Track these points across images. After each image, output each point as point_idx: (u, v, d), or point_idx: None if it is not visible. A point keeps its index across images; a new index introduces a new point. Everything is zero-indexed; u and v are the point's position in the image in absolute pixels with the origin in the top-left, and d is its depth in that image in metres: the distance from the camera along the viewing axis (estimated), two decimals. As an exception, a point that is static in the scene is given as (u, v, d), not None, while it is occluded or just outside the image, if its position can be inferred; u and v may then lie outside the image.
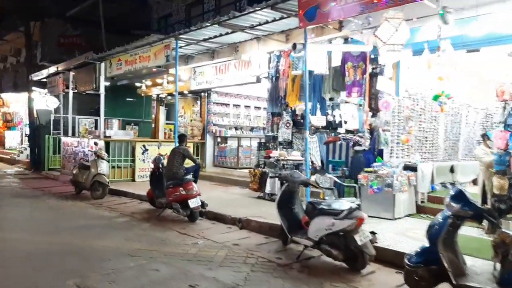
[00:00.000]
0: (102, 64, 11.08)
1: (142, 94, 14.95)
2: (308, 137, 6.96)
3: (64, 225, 6.75)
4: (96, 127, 15.83)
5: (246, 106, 14.19)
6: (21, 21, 17.05)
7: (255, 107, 14.36)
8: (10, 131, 23.99)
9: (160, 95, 14.91)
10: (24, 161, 16.93)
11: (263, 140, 11.31)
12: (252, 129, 14.43)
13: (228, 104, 13.70)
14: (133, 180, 11.46)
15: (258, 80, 10.44)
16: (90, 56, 10.97)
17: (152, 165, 7.87)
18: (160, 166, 7.89)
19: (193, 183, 7.22)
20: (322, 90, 8.86)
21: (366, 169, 7.20)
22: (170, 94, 14.44)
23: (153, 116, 15.78)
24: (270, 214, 7.00)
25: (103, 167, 9.45)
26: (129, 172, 11.53)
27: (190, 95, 14.01)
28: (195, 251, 5.38)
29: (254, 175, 9.14)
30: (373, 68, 7.55)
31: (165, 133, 15.28)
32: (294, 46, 6.23)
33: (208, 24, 7.85)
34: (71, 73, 12.97)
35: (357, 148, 7.69)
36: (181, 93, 14.18)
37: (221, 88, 12.51)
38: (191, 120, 14.07)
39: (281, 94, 9.70)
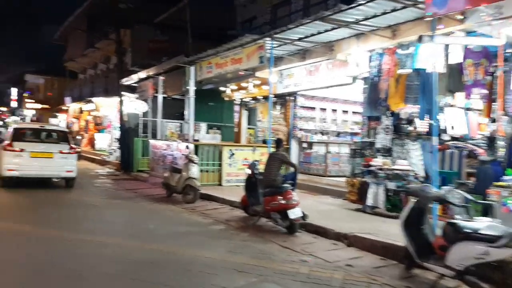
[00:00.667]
0: (192, 68, 11.08)
1: (226, 99, 14.88)
2: (412, 144, 6.12)
3: (161, 230, 6.60)
4: (181, 131, 16.11)
5: (333, 110, 13.43)
6: (112, 29, 18.06)
7: (343, 111, 13.55)
8: (100, 134, 25.65)
9: (243, 99, 14.72)
10: (114, 162, 17.76)
11: (352, 147, 10.50)
12: (338, 134, 13.63)
13: (314, 108, 13.06)
14: (220, 184, 11.29)
15: (354, 81, 9.67)
16: (181, 60, 11.03)
17: (248, 171, 7.48)
18: (256, 172, 7.47)
19: (293, 192, 6.69)
20: (433, 91, 7.84)
21: (497, 183, 6.11)
22: (254, 98, 14.17)
23: (236, 120, 15.66)
24: (379, 230, 6.27)
25: (194, 171, 9.34)
26: (216, 176, 11.38)
27: (274, 98, 13.60)
28: (306, 270, 4.81)
29: (352, 184, 8.39)
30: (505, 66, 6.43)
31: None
32: (420, 38, 5.45)
33: (309, 21, 7.31)
34: (161, 78, 13.24)
35: (482, 157, 6.61)
36: (265, 97, 13.88)
37: (307, 91, 11.93)
38: (273, 125, 13.67)
39: (381, 96, 8.83)
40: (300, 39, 8.68)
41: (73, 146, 10.88)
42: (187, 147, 10.15)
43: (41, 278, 4.23)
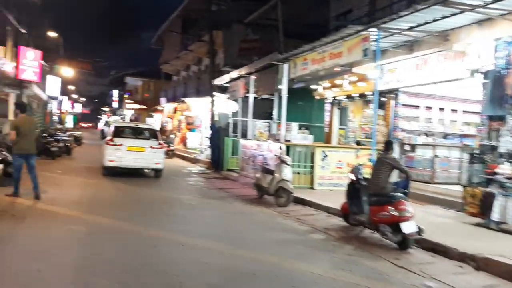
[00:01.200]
0: (286, 65, 10.65)
1: (317, 97, 14.23)
2: None
3: (259, 237, 6.23)
4: (269, 131, 15.85)
5: (440, 109, 12.01)
6: (205, 31, 18.50)
7: (452, 110, 12.05)
8: (191, 133, 26.67)
9: (336, 98, 13.93)
10: (204, 161, 18.15)
11: (469, 151, 9.14)
12: (445, 136, 12.16)
13: (418, 106, 11.78)
14: (312, 187, 10.70)
15: (472, 75, 8.39)
16: (274, 58, 10.66)
17: (351, 176, 6.78)
18: (360, 177, 6.74)
19: (406, 202, 5.85)
20: None
21: None
22: (348, 96, 13.31)
23: (326, 120, 14.92)
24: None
25: (287, 172, 8.90)
26: (308, 179, 10.81)
27: (371, 96, 12.60)
28: (433, 299, 4.03)
29: (472, 195, 7.22)
30: None
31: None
32: None
33: (426, 6, 6.37)
34: (252, 77, 13.06)
35: None
36: (361, 95, 12.95)
37: (412, 87, 10.75)
38: (368, 125, 12.73)
39: (508, 92, 7.51)
40: (410, 29, 7.71)
41: (161, 142, 12.39)
42: (280, 147, 9.73)
43: (141, 283, 4.05)
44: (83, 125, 69.63)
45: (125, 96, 48.04)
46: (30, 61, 15.57)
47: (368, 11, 12.87)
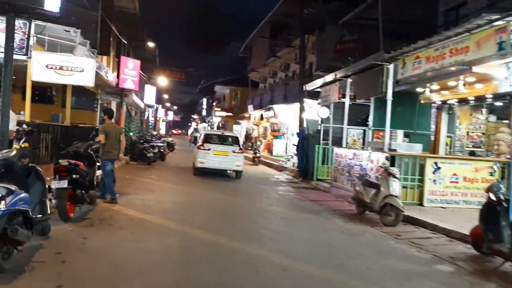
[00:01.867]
0: (392, 66, 9.49)
1: (423, 101, 12.68)
2: None
3: (369, 263, 5.27)
4: (363, 138, 14.62)
5: None
6: (294, 36, 17.93)
7: None
8: (277, 140, 26.25)
9: (445, 102, 12.26)
10: (291, 169, 17.47)
11: None
12: None
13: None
14: (421, 204, 9.34)
15: None
16: (379, 58, 9.58)
17: (491, 196, 5.49)
18: (501, 198, 5.43)
19: None
20: None
21: None
22: (462, 100, 11.62)
23: (433, 126, 13.27)
24: None
25: (396, 187, 7.78)
26: (416, 194, 9.48)
27: (490, 99, 10.83)
28: None
29: None
30: None
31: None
32: None
33: None
34: (349, 80, 12.06)
35: None
36: (478, 98, 11.21)
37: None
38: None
39: None
40: None
41: (242, 148, 14.33)
42: (387, 158, 8.62)
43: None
44: (174, 131, 73.84)
45: (214, 104, 49.68)
46: (130, 70, 16.38)
47: (488, 2, 11.11)
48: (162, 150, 18.12)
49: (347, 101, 12.39)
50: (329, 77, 13.11)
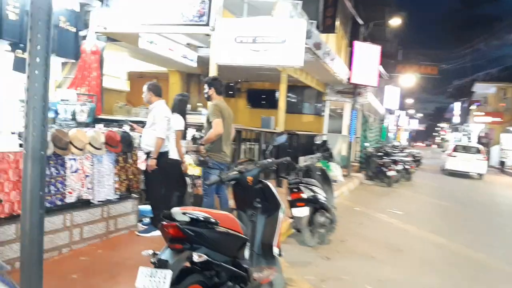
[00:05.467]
0: None
1: None
2: None
3: None
4: None
5: None
6: None
7: None
8: None
9: None
10: None
11: None
12: None
13: None
14: None
15: None
16: None
17: None
18: None
19: None
20: None
21: None
22: None
23: None
24: None
25: None
26: None
27: None
28: None
29: None
30: None
31: None
32: None
33: None
34: None
35: None
36: None
37: None
38: None
39: None
40: None
41: (486, 156, 16.99)
42: None
43: None
44: (416, 143, 65.48)
45: (472, 107, 39.80)
46: (366, 60, 12.26)
47: None
48: (407, 167, 13.19)
49: None
50: None
